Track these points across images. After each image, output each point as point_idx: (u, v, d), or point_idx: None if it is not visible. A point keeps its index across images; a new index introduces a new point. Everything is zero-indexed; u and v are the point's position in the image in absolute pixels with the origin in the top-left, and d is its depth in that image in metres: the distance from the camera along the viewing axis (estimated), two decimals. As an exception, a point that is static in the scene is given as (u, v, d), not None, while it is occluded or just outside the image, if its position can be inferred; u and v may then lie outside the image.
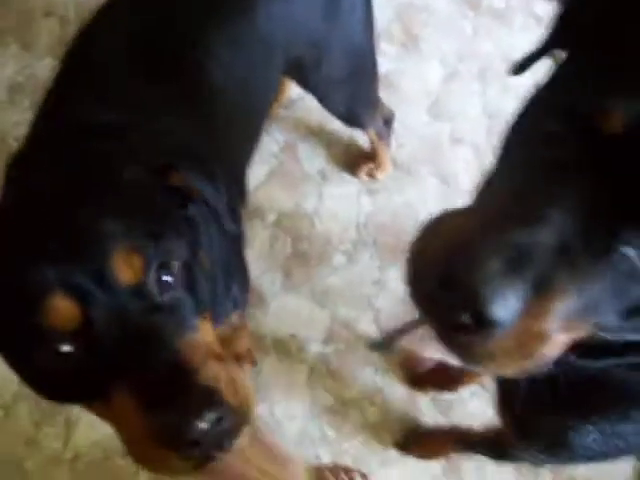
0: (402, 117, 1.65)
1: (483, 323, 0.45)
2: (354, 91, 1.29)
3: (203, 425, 0.58)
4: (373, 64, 1.28)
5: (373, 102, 1.41)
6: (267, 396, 1.52)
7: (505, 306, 0.45)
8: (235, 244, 1.05)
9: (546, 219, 0.47)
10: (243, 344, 1.47)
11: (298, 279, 1.58)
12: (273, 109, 1.62)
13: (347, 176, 1.66)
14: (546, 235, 0.47)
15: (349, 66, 1.20)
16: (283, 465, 0.70)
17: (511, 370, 0.52)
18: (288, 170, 1.66)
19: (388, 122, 1.54)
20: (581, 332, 0.54)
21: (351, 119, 1.40)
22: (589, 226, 0.47)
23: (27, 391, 0.66)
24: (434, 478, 1.50)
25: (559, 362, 0.74)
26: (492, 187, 0.58)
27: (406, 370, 1.54)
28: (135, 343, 0.59)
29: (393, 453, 1.51)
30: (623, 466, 1.52)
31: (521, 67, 0.67)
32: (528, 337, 0.48)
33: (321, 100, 1.28)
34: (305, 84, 1.23)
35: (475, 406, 1.53)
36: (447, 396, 1.53)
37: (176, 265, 0.66)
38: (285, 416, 1.51)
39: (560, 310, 0.48)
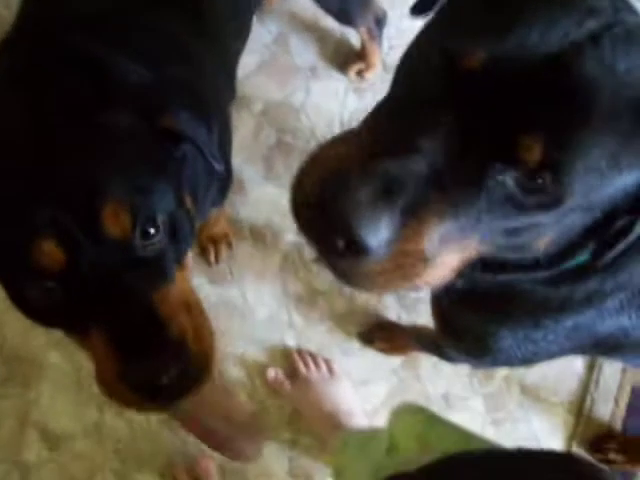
0: (396, 20, 1.63)
1: (355, 248, 0.48)
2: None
3: (167, 378, 0.62)
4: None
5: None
6: (240, 280, 1.56)
7: (375, 232, 0.47)
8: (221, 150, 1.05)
9: (418, 149, 0.49)
10: (220, 227, 1.50)
11: (279, 170, 1.59)
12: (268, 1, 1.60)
13: (336, 73, 1.65)
14: (418, 164, 0.49)
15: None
16: (228, 396, 0.76)
17: (395, 290, 0.55)
18: (279, 62, 1.64)
19: (380, 22, 1.52)
20: (465, 251, 0.57)
21: (342, 15, 1.39)
22: (460, 157, 0.49)
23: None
24: (392, 371, 1.57)
25: (467, 275, 0.80)
26: (378, 113, 0.59)
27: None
28: (113, 292, 0.63)
29: (355, 344, 1.57)
30: (570, 374, 1.60)
31: (420, 8, 0.66)
32: (405, 259, 0.51)
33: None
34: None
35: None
36: (412, 295, 1.58)
37: (161, 218, 0.67)
38: (256, 301, 1.56)
39: (436, 233, 0.51)
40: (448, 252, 0.54)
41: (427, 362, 1.57)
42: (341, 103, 1.64)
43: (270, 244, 1.57)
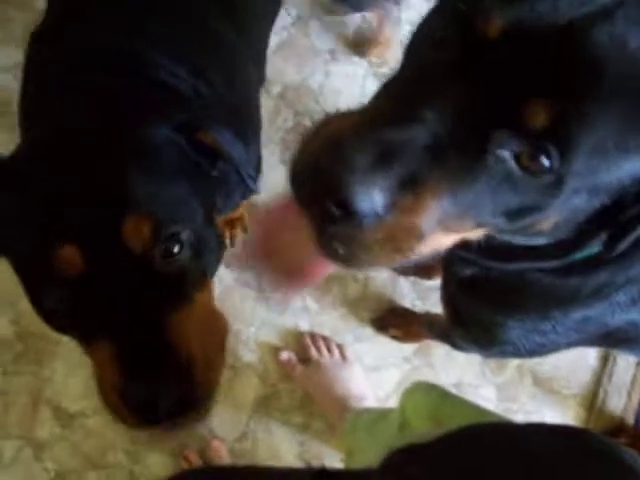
0: (419, 5, 1.62)
1: (348, 213, 0.47)
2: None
3: (165, 405, 0.61)
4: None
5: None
6: (255, 264, 1.55)
7: (368, 196, 0.46)
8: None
9: (420, 118, 0.48)
10: (237, 211, 1.49)
11: (296, 153, 1.58)
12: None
13: (356, 57, 1.64)
14: (418, 134, 0.48)
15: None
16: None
17: (383, 263, 0.53)
18: (298, 44, 1.63)
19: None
20: (464, 231, 0.56)
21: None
22: (463, 128, 0.48)
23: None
24: (404, 358, 1.57)
25: (476, 263, 0.78)
26: (384, 90, 0.58)
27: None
28: (126, 306, 0.61)
29: (369, 330, 1.57)
30: (583, 366, 1.59)
31: None
32: (399, 231, 0.50)
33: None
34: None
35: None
36: (427, 283, 1.58)
37: (187, 235, 0.65)
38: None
39: (433, 208, 0.50)
40: (443, 230, 0.53)
41: (440, 350, 1.57)
42: (360, 87, 1.63)
43: (285, 228, 1.56)
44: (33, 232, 0.62)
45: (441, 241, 0.56)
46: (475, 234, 0.59)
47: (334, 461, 1.49)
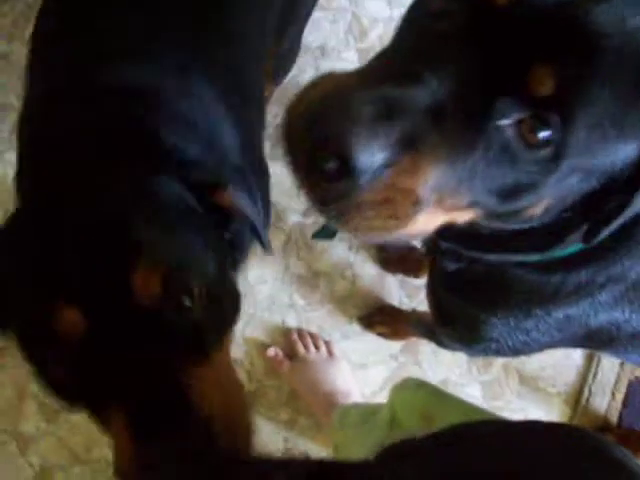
0: None
1: (346, 168, 0.45)
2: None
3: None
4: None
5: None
6: (242, 259, 1.56)
7: (369, 152, 0.44)
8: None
9: (422, 80, 0.47)
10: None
11: (285, 150, 1.58)
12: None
13: (346, 53, 1.64)
14: (420, 94, 0.47)
15: None
16: None
17: (377, 230, 0.51)
18: (288, 40, 1.63)
19: None
20: (456, 209, 0.55)
21: None
22: (465, 93, 0.48)
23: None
24: (391, 356, 1.58)
25: (460, 257, 0.78)
26: (382, 53, 0.58)
27: (378, 250, 1.59)
28: (138, 369, 0.57)
29: (356, 327, 1.57)
30: (569, 365, 1.60)
31: None
32: (395, 192, 0.48)
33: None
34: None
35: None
36: (415, 281, 1.58)
37: (198, 287, 0.61)
38: (257, 280, 1.56)
39: (430, 173, 0.49)
40: (437, 204, 0.52)
41: (426, 348, 1.57)
42: (350, 84, 1.62)
43: (274, 224, 1.56)
44: (32, 295, 0.58)
45: (432, 220, 0.55)
46: (463, 216, 0.58)
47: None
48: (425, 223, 0.54)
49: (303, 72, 1.62)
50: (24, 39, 1.61)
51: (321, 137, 0.45)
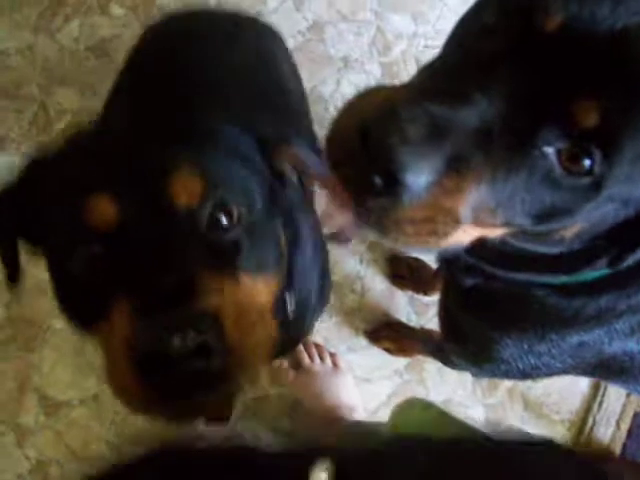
0: (434, 20, 1.62)
1: (393, 185, 0.45)
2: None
3: (179, 340, 0.49)
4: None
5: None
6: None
7: (417, 170, 0.45)
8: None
9: (471, 101, 0.47)
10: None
11: (303, 159, 1.58)
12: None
13: (369, 66, 1.63)
14: (469, 115, 0.47)
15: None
16: None
17: (416, 245, 0.51)
18: (312, 50, 1.63)
19: None
20: (491, 227, 0.55)
21: None
22: (512, 117, 0.48)
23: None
24: (396, 372, 1.56)
25: (479, 272, 0.77)
26: (429, 68, 0.58)
27: (389, 265, 1.58)
28: (158, 262, 0.55)
29: (362, 341, 1.56)
30: (574, 392, 1.59)
31: None
32: (437, 211, 0.48)
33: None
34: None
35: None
36: (424, 298, 1.57)
37: (238, 212, 0.60)
38: (266, 287, 1.55)
39: (472, 194, 0.49)
40: (473, 222, 0.52)
41: (432, 366, 1.56)
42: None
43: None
44: (69, 190, 0.58)
45: (467, 235, 0.55)
46: (495, 232, 0.58)
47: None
48: (460, 237, 0.54)
49: (324, 83, 1.62)
50: (50, 31, 1.62)
51: (372, 153, 0.45)
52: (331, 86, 1.62)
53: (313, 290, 0.94)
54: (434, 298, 1.54)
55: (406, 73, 1.62)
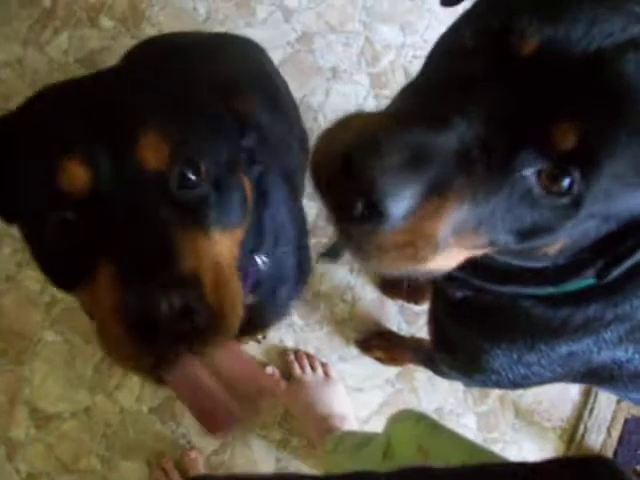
0: (423, 30, 1.63)
1: (375, 212, 0.46)
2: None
3: (167, 304, 0.53)
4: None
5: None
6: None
7: (399, 200, 0.45)
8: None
9: (450, 124, 0.48)
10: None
11: (293, 169, 1.59)
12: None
13: (358, 77, 1.64)
14: (448, 139, 0.48)
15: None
16: (253, 380, 0.64)
17: (396, 269, 0.53)
18: (301, 60, 1.63)
19: None
20: (474, 248, 0.56)
21: None
22: (491, 139, 0.49)
23: (9, 230, 0.64)
24: (387, 381, 1.57)
25: (469, 284, 0.78)
26: (408, 91, 0.58)
27: (379, 275, 1.58)
28: (134, 226, 0.57)
29: (353, 350, 1.56)
30: (565, 400, 1.59)
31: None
32: (417, 236, 0.49)
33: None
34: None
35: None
36: (414, 307, 1.58)
37: (205, 167, 0.62)
38: (257, 298, 1.55)
39: (453, 217, 0.50)
40: (457, 244, 0.53)
41: (423, 375, 1.56)
42: (360, 107, 1.63)
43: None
44: (40, 157, 0.59)
45: (452, 258, 0.56)
46: (481, 251, 0.58)
47: None
48: (445, 261, 0.55)
49: (313, 93, 1.63)
50: (39, 44, 1.62)
51: (353, 181, 0.46)
52: (320, 96, 1.63)
53: (290, 261, 0.96)
54: (424, 307, 1.55)
55: (394, 83, 1.63)
